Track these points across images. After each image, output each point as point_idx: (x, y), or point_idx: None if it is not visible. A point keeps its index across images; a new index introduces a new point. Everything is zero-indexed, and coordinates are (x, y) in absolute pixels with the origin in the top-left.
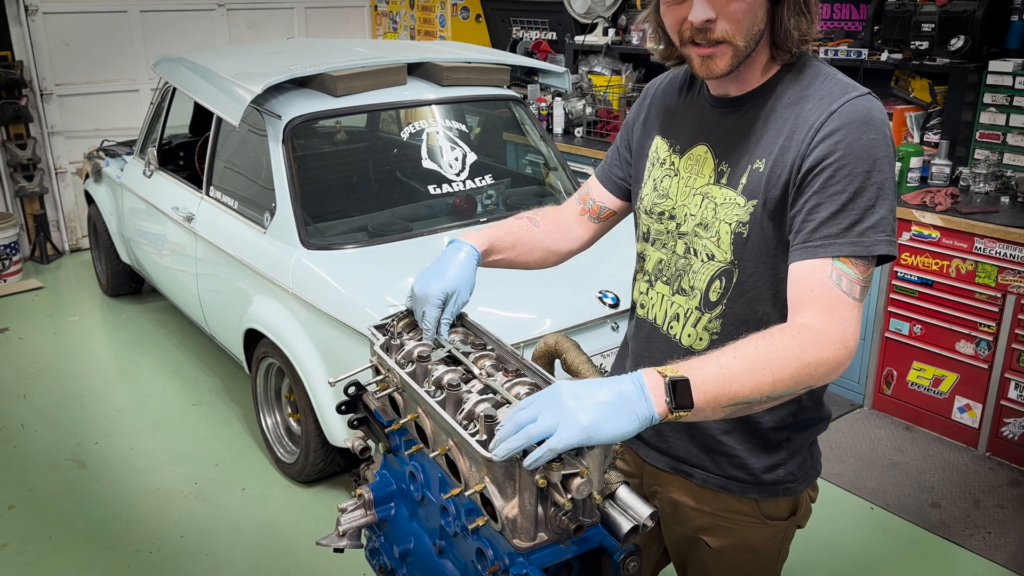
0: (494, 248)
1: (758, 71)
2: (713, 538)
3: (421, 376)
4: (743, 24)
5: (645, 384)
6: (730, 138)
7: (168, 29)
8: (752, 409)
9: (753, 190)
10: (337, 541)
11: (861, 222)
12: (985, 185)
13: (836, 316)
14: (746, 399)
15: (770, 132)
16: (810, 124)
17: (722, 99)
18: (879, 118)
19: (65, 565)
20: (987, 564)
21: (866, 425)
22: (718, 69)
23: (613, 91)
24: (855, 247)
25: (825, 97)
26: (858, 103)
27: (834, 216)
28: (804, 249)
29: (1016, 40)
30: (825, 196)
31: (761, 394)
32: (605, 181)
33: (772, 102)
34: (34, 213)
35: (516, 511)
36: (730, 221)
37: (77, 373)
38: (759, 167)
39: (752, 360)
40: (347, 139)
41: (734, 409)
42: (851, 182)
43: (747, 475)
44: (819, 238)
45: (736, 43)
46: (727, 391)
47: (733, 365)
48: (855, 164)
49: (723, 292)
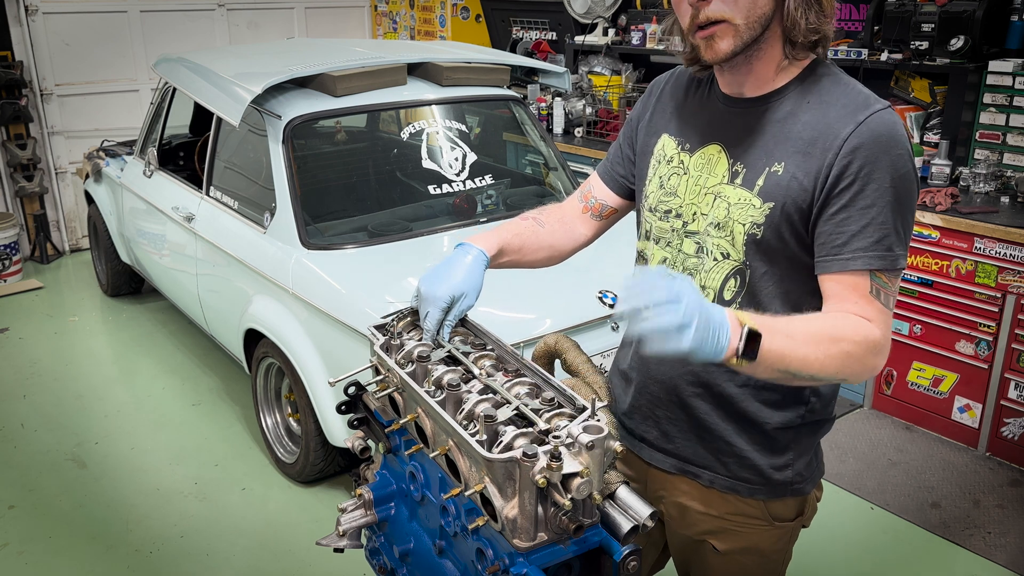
0: (503, 251)
1: (772, 69)
2: (720, 541)
3: (421, 376)
4: (740, 2)
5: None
6: (746, 138)
7: (168, 29)
8: (792, 382)
9: (771, 193)
10: (337, 541)
11: (888, 237)
12: (985, 185)
13: (881, 324)
14: (794, 370)
15: (790, 136)
16: (836, 134)
17: (737, 99)
18: (903, 133)
19: (65, 565)
20: (987, 564)
21: (866, 425)
22: (721, 50)
23: (613, 91)
24: (884, 261)
25: (848, 106)
26: (883, 117)
27: (864, 229)
28: (836, 261)
29: (1016, 40)
30: (856, 210)
31: (810, 370)
32: (607, 178)
33: (791, 106)
34: (34, 213)
35: (516, 511)
36: (744, 222)
37: (77, 373)
38: (778, 170)
39: (814, 335)
40: (347, 139)
41: (780, 376)
42: (880, 196)
43: (755, 476)
44: (850, 251)
45: (735, 22)
46: (785, 357)
47: (797, 334)
48: (884, 179)
49: (738, 291)
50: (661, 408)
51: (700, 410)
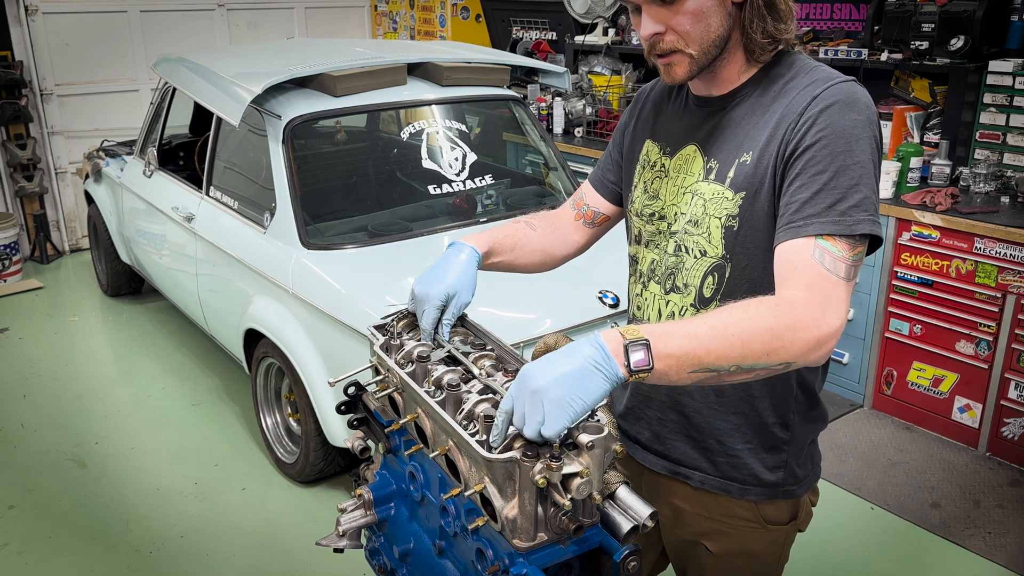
0: (494, 250)
1: (735, 72)
2: (713, 543)
3: (421, 376)
4: (692, 34)
5: (605, 345)
6: (716, 136)
7: (168, 29)
8: (722, 379)
9: (741, 183)
10: (337, 541)
11: (843, 200)
12: (985, 185)
13: (818, 292)
14: (713, 366)
15: (756, 125)
16: (795, 111)
17: (705, 99)
18: (863, 101)
19: (65, 565)
20: (987, 564)
21: (866, 425)
22: (678, 76)
23: (613, 91)
24: (837, 225)
25: (810, 85)
26: (841, 87)
27: (816, 195)
28: (787, 230)
29: (1016, 40)
30: (807, 176)
31: (729, 361)
32: (598, 186)
33: (756, 97)
34: (34, 213)
35: (516, 511)
36: (720, 215)
37: (77, 373)
38: (746, 160)
39: (722, 326)
40: (347, 139)
41: (702, 376)
42: (832, 161)
43: (746, 476)
44: (801, 218)
45: (689, 52)
46: (691, 355)
47: (700, 330)
48: (836, 144)
49: (716, 288)
50: (653, 408)
51: (692, 409)
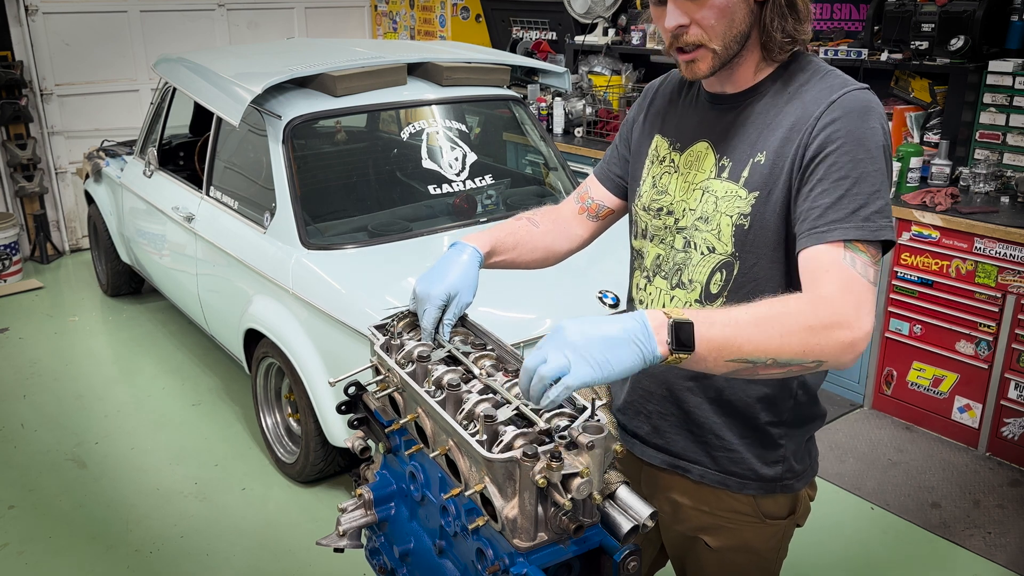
0: (496, 250)
1: (751, 70)
2: (712, 538)
3: (421, 376)
4: (717, 29)
5: (648, 322)
6: (730, 134)
7: (168, 29)
8: (757, 372)
9: (755, 182)
10: (337, 541)
11: (866, 207)
12: (985, 185)
13: (852, 293)
14: (750, 356)
15: (770, 126)
16: (811, 114)
17: (719, 97)
18: (877, 110)
19: (65, 565)
20: (987, 564)
21: (866, 425)
22: (700, 72)
23: (613, 91)
24: (861, 231)
25: (825, 89)
26: (857, 95)
27: (839, 201)
28: (812, 235)
29: (1016, 40)
30: (829, 182)
31: (767, 354)
32: (604, 180)
33: (770, 97)
34: (34, 213)
35: (516, 511)
36: (731, 213)
37: (77, 373)
38: (760, 160)
39: (762, 317)
40: (347, 139)
41: (739, 366)
42: (854, 167)
43: (745, 470)
44: (825, 223)
45: (712, 47)
46: (732, 343)
47: (742, 319)
48: (856, 150)
49: (724, 284)
50: (653, 402)
51: (691, 403)
